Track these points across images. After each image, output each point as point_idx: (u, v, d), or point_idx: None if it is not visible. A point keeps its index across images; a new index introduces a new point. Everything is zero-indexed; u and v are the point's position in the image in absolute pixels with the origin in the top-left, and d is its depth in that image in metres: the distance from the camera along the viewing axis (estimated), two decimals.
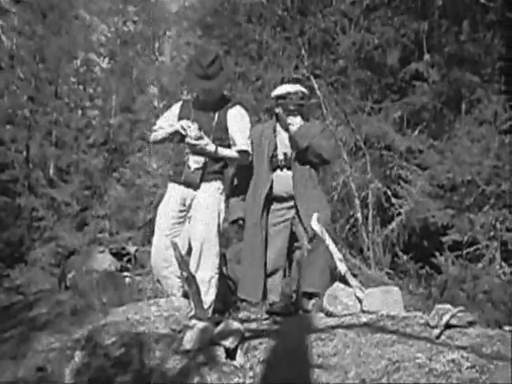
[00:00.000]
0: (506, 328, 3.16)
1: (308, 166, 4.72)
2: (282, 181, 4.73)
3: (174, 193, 4.65)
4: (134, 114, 17.33)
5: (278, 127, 4.88)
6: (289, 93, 4.80)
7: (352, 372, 2.76)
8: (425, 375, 2.60)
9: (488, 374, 2.54)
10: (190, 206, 4.63)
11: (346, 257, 4.50)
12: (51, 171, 16.74)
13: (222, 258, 5.43)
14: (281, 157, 4.78)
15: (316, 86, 8.65)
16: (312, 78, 8.86)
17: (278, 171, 4.76)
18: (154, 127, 4.88)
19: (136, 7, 21.52)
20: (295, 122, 4.75)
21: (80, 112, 18.09)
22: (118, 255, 7.18)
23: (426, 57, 8.92)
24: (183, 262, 3.66)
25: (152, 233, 4.85)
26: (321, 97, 8.78)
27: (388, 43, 9.03)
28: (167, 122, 4.77)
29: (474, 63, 9.71)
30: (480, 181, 6.69)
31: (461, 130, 7.61)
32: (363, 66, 9.02)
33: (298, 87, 4.90)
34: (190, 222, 4.63)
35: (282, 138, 4.84)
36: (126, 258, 7.31)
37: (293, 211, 4.70)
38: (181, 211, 4.62)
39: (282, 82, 9.41)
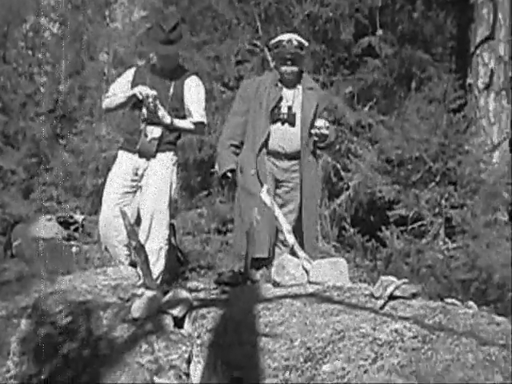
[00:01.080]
0: (448, 300, 3.26)
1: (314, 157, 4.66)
2: (282, 136, 4.57)
3: (126, 161, 4.60)
4: (84, 81, 17.01)
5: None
6: (281, 41, 4.61)
7: (298, 340, 2.80)
8: (369, 344, 2.66)
9: (430, 344, 2.61)
10: (142, 175, 4.60)
11: None
12: None
13: (171, 228, 5.42)
14: (284, 110, 4.58)
15: (270, 58, 8.63)
16: (266, 50, 8.84)
17: (279, 125, 4.59)
18: (107, 93, 4.79)
19: None
20: (288, 71, 4.57)
21: (28, 78, 17.65)
22: (65, 224, 7.09)
23: (379, 32, 8.99)
24: (132, 231, 3.64)
25: (100, 201, 4.82)
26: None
27: (342, 17, 9.07)
28: (121, 89, 4.69)
29: (425, 41, 9.84)
30: (427, 158, 6.82)
31: (410, 107, 7.73)
32: (317, 39, 9.03)
33: (291, 35, 4.69)
34: (141, 191, 4.60)
35: (286, 93, 4.63)
36: (73, 227, 7.24)
37: (288, 174, 4.60)
38: (132, 180, 4.58)
39: (238, 53, 9.41)
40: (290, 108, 4.58)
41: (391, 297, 3.07)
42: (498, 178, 6.98)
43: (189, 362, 3.15)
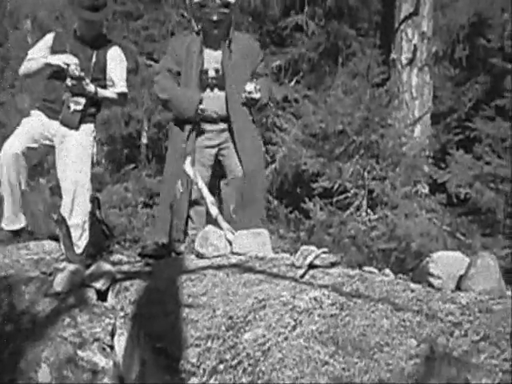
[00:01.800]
0: (366, 268, 3.36)
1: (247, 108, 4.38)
2: (213, 102, 4.32)
3: (40, 119, 4.48)
4: (7, 51, 16.45)
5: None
6: (204, 0, 4.23)
7: (220, 310, 2.85)
8: (289, 312, 2.72)
9: (347, 311, 2.68)
10: (52, 137, 4.49)
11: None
12: None
13: (96, 201, 5.36)
14: (212, 73, 4.33)
15: (196, 29, 8.56)
16: (193, 21, 8.76)
17: (208, 91, 4.35)
18: (26, 58, 4.60)
19: None
20: (215, 33, 4.30)
21: None
22: None
23: (306, 9, 9.05)
24: (55, 205, 3.60)
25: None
26: None
27: None
28: (40, 53, 4.53)
29: (351, 16, 9.95)
30: (351, 131, 6.95)
31: (335, 82, 7.84)
32: (244, 12, 9.01)
33: None
34: (58, 164, 4.51)
35: (212, 53, 4.36)
36: None
37: (224, 136, 4.39)
38: (41, 135, 4.45)
39: (163, 24, 9.28)
40: (217, 71, 4.35)
41: (311, 266, 3.13)
42: (419, 151, 7.19)
43: (112, 334, 3.17)
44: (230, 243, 3.55)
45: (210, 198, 3.72)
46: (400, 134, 7.29)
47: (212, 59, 4.37)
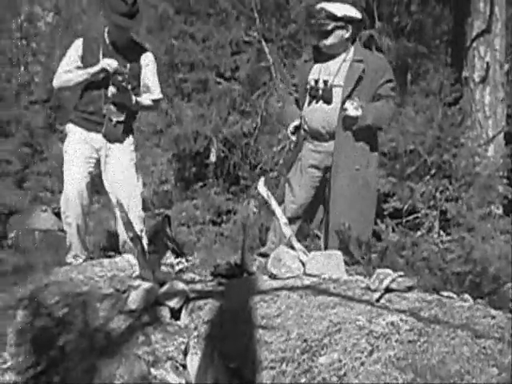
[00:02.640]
0: (444, 293, 3.28)
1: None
2: (319, 114, 4.29)
3: (84, 139, 4.51)
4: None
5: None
6: (312, 12, 4.35)
7: (294, 332, 2.82)
8: (365, 336, 2.68)
9: (426, 337, 2.63)
10: (98, 153, 4.52)
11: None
12: None
13: (166, 219, 5.42)
14: (321, 85, 4.28)
15: (267, 50, 8.63)
16: (263, 41, 8.83)
17: (313, 103, 4.32)
18: (60, 70, 4.55)
19: None
20: (320, 45, 4.30)
21: (22, 68, 17.57)
22: (60, 215, 7.08)
23: (378, 25, 8.98)
24: (128, 223, 3.64)
25: (95, 191, 4.81)
26: (271, 61, 8.76)
27: None
28: (74, 64, 4.49)
29: (422, 34, 9.82)
30: (422, 151, 6.83)
31: (406, 100, 7.73)
32: (314, 31, 9.01)
33: (323, 4, 4.31)
34: (107, 177, 4.54)
35: (323, 65, 4.34)
36: None
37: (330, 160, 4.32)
38: (91, 158, 4.52)
39: (230, 43, 9.38)
40: (326, 82, 4.28)
41: (387, 289, 3.08)
42: (493, 171, 7.00)
43: (185, 353, 3.17)
44: (304, 264, 3.52)
45: (283, 220, 3.70)
46: (473, 153, 7.12)
47: (325, 71, 4.34)
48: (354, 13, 4.35)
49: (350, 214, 4.27)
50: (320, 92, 4.26)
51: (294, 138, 4.44)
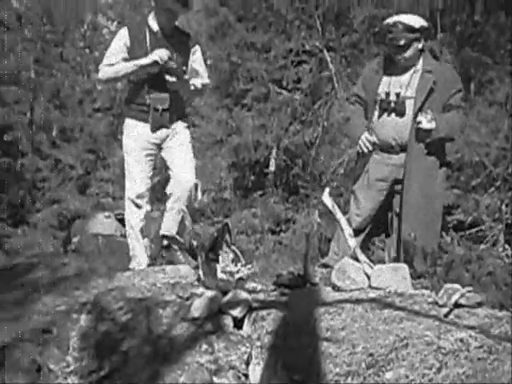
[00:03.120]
0: None
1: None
2: (390, 128, 4.25)
3: (143, 134, 4.45)
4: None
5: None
6: (386, 25, 4.21)
7: (360, 346, 2.78)
8: (433, 353, 2.62)
9: (496, 355, 2.56)
10: (158, 144, 4.49)
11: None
12: (54, 133, 16.69)
13: (226, 227, 5.42)
14: (393, 97, 4.24)
15: (329, 59, 8.59)
16: (325, 50, 8.80)
17: (384, 116, 4.27)
18: (106, 62, 4.45)
19: None
20: (397, 59, 4.22)
21: (86, 75, 17.97)
22: (123, 221, 7.18)
23: (440, 35, 8.84)
24: (193, 232, 3.67)
25: (156, 197, 4.84)
26: (333, 70, 8.72)
27: None
28: (121, 55, 4.38)
29: (486, 44, 9.63)
30: (488, 162, 6.67)
31: (470, 111, 7.57)
32: (376, 41, 8.94)
33: (398, 17, 4.23)
34: (169, 166, 4.53)
35: (396, 78, 4.28)
36: None
37: (401, 172, 4.27)
38: (151, 150, 4.49)
39: (290, 51, 9.37)
40: (398, 95, 4.23)
41: (456, 305, 3.01)
42: None
43: (248, 363, 3.16)
44: (368, 277, 3.47)
45: (348, 231, 3.66)
46: None
47: (396, 83, 4.28)
48: (426, 23, 4.30)
49: (420, 226, 4.20)
50: (392, 105, 4.21)
51: (369, 148, 4.38)
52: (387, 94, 4.24)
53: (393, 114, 4.24)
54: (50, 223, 13.16)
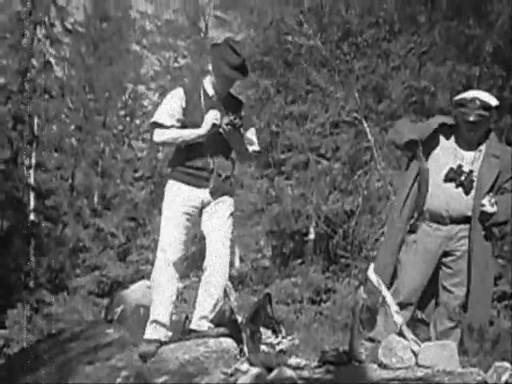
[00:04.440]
0: None
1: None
2: (457, 200, 4.18)
3: (189, 198, 4.28)
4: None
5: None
6: (463, 99, 4.14)
7: None
8: None
9: None
10: (199, 208, 4.31)
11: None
12: (95, 200, 17.00)
13: (268, 297, 5.39)
14: (466, 170, 4.15)
15: (368, 129, 8.68)
16: (364, 121, 8.89)
17: (452, 185, 4.19)
18: (161, 121, 4.27)
19: (185, 42, 21.87)
20: (468, 135, 4.17)
21: (127, 144, 18.41)
22: None
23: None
24: (240, 306, 3.67)
25: (195, 267, 4.80)
26: (372, 140, 8.78)
27: (438, 88, 9.01)
28: (175, 118, 4.25)
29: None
30: None
31: None
32: (415, 109, 9.02)
33: (476, 93, 4.18)
34: (206, 237, 4.36)
35: (463, 153, 4.22)
36: None
37: (452, 243, 4.23)
38: (192, 215, 4.31)
39: (328, 123, 9.48)
40: (470, 172, 4.16)
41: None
42: None
43: None
44: (416, 355, 3.41)
45: (394, 307, 3.63)
46: None
47: (463, 160, 4.22)
48: (498, 101, 4.24)
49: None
50: (463, 179, 4.16)
51: None
52: (459, 167, 4.19)
53: (460, 189, 4.18)
54: (89, 290, 13.26)
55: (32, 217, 15.87)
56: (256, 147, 4.47)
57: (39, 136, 17.09)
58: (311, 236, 9.59)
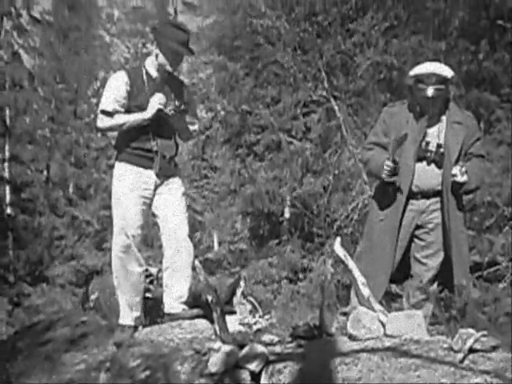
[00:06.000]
0: None
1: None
2: (427, 175, 4.24)
3: (137, 180, 4.28)
4: None
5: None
6: (419, 75, 4.12)
7: None
8: None
9: None
10: (152, 192, 4.33)
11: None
12: (71, 190, 16.90)
13: (243, 278, 5.45)
14: (433, 147, 4.20)
15: (336, 108, 8.71)
16: (332, 99, 8.92)
17: (422, 164, 4.25)
18: (105, 107, 4.24)
19: None
20: (428, 110, 4.19)
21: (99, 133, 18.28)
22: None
23: None
24: (209, 285, 3.70)
25: None
26: (341, 119, 8.82)
27: (406, 64, 9.05)
28: (120, 102, 4.22)
29: (492, 83, 9.71)
30: (500, 202, 6.67)
31: None
32: (382, 87, 9.05)
33: (431, 67, 4.16)
34: (160, 218, 4.39)
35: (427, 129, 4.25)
36: (148, 280, 7.30)
37: (428, 217, 4.31)
38: (146, 197, 4.31)
39: (298, 103, 9.51)
40: (439, 146, 4.20)
41: (471, 350, 3.01)
42: None
43: None
44: (383, 325, 3.47)
45: (361, 279, 3.68)
46: None
47: (428, 136, 4.26)
48: (453, 72, 4.27)
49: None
50: (432, 155, 4.21)
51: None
52: (427, 144, 4.23)
53: (432, 165, 4.24)
54: (68, 280, 13.23)
55: (9, 210, 15.79)
56: (196, 127, 4.50)
57: (11, 128, 16.93)
58: (286, 215, 9.64)
